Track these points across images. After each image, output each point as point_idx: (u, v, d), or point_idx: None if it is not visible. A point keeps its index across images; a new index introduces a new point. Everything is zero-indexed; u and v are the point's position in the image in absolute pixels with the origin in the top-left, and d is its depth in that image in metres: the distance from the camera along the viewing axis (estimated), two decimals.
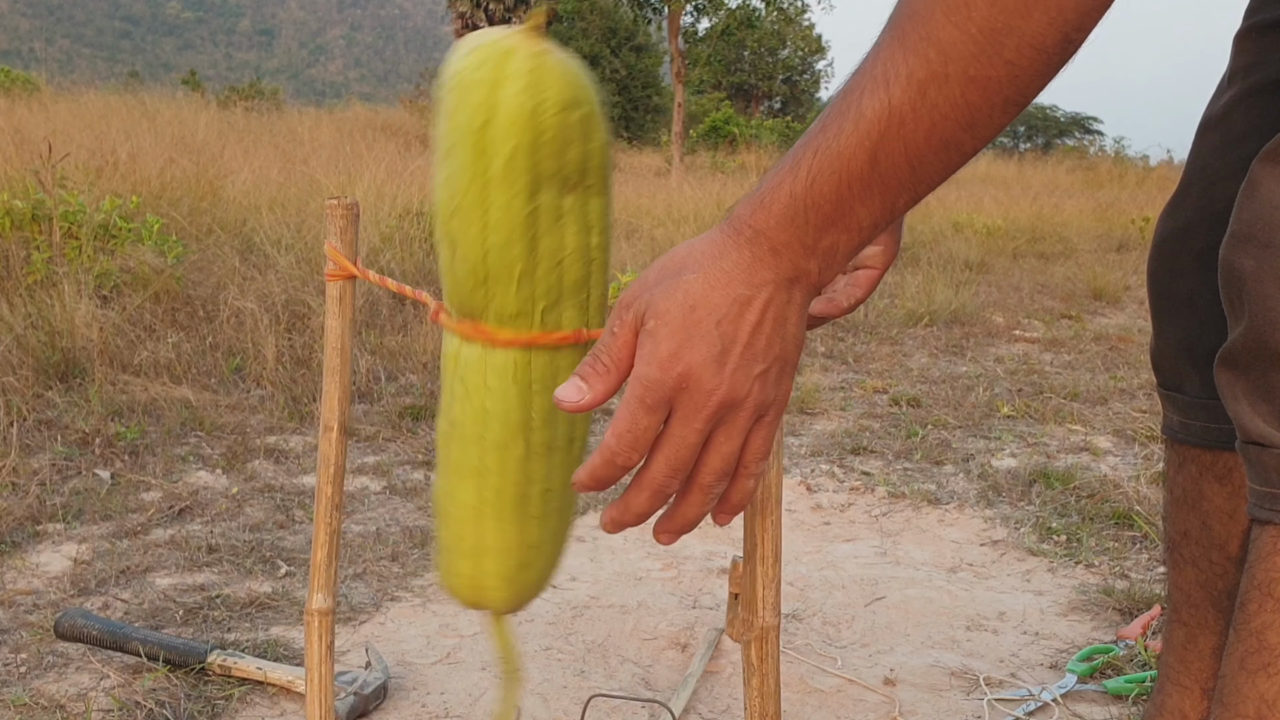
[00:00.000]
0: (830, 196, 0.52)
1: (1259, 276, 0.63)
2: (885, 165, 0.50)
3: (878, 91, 0.50)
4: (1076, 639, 1.79)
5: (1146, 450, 2.90)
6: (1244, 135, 0.89)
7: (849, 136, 0.50)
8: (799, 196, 0.52)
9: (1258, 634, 0.60)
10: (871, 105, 0.50)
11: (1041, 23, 0.47)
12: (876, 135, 0.50)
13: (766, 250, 0.53)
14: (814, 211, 0.52)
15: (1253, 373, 0.64)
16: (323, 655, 0.88)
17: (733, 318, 0.54)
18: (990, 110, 0.50)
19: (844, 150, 0.50)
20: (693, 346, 0.54)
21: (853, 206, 0.52)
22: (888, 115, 0.49)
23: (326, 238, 0.84)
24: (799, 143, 0.53)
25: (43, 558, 1.99)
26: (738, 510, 0.61)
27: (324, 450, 0.85)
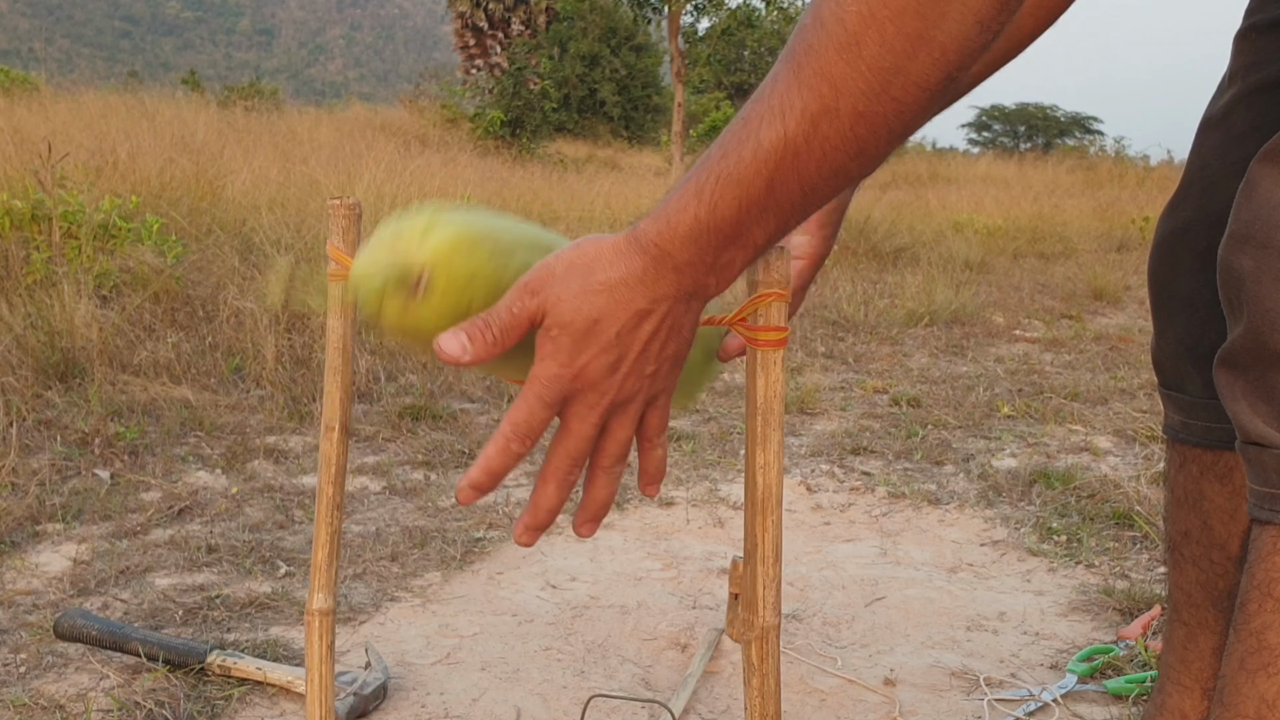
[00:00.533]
0: (730, 219, 0.55)
1: (1257, 277, 0.63)
2: (780, 191, 0.54)
3: (775, 123, 0.53)
4: (1077, 639, 1.79)
5: (1147, 450, 2.90)
6: (1244, 135, 0.89)
7: (748, 165, 0.54)
8: (702, 220, 0.56)
9: (1257, 634, 0.60)
10: (769, 136, 0.53)
11: (926, 64, 0.50)
12: (773, 164, 0.53)
13: (670, 268, 0.58)
14: (715, 233, 0.56)
15: (1252, 373, 0.64)
16: (323, 655, 0.88)
17: (630, 328, 0.59)
18: (876, 142, 0.53)
19: (743, 178, 0.54)
20: (592, 353, 0.59)
21: (750, 228, 0.56)
22: (783, 146, 0.53)
23: (329, 238, 0.84)
24: (702, 165, 0.56)
25: (42, 558, 1.99)
26: (659, 478, 0.67)
27: (325, 450, 0.85)
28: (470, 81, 21.37)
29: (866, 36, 0.50)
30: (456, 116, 16.26)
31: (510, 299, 0.60)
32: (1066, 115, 34.39)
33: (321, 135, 8.83)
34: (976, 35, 0.50)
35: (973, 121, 36.73)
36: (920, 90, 0.51)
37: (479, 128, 15.62)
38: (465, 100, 18.34)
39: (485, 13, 26.16)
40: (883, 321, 4.79)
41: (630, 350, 0.59)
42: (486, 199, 5.58)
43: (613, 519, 2.33)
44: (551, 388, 0.59)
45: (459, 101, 17.93)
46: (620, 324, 0.58)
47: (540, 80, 18.38)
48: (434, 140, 12.31)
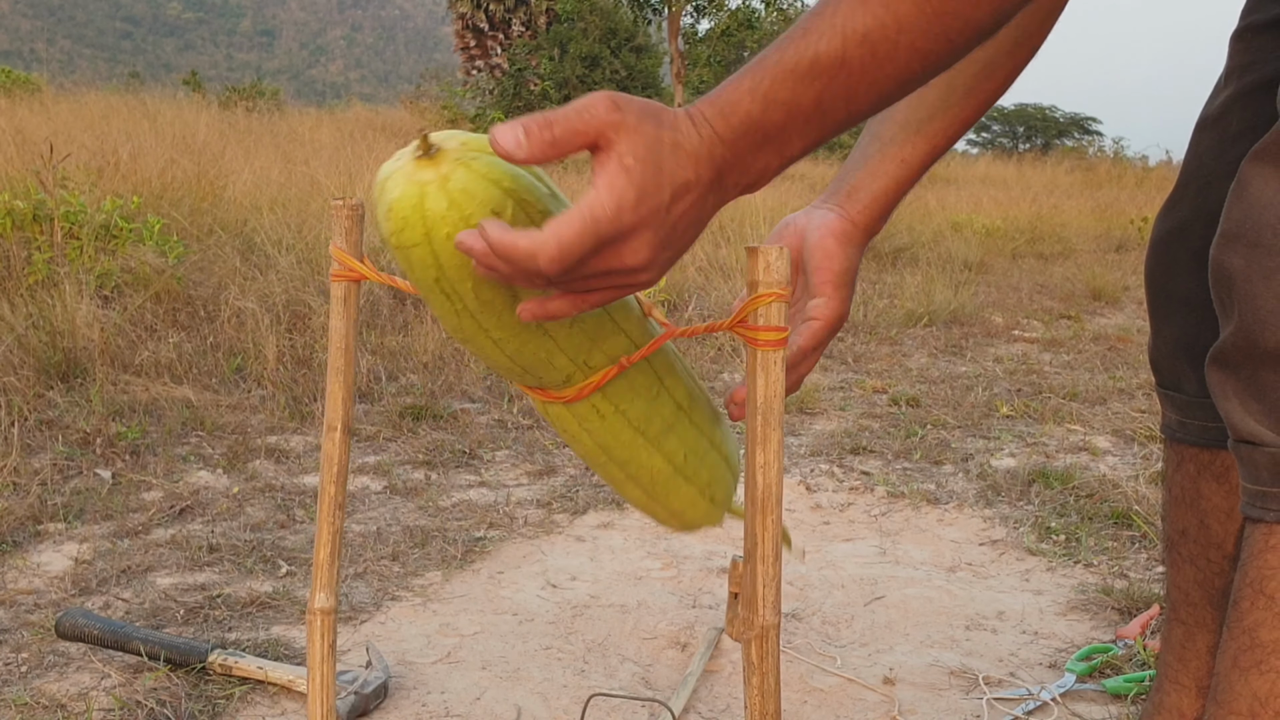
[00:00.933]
0: (778, 123, 0.57)
1: (1248, 276, 0.63)
2: (828, 105, 0.56)
3: (834, 40, 0.55)
4: (1075, 638, 1.79)
5: (1145, 450, 2.91)
6: (1240, 134, 0.89)
7: (803, 72, 0.56)
8: (754, 117, 0.57)
9: (1250, 631, 0.60)
10: (828, 50, 0.55)
11: (986, 9, 0.53)
12: (827, 77, 0.55)
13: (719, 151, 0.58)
14: (759, 131, 0.58)
15: (1243, 372, 0.64)
16: (324, 654, 0.89)
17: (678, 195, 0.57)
18: (924, 73, 0.56)
19: (797, 83, 0.56)
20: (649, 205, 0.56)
21: (790, 136, 0.58)
22: (840, 63, 0.55)
23: (331, 238, 0.84)
24: (758, 64, 0.57)
25: (44, 557, 1.99)
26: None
27: (327, 450, 0.86)
28: (471, 82, 21.38)
29: None
30: (457, 117, 16.26)
31: (584, 102, 0.56)
32: (1065, 116, 34.36)
33: (322, 136, 8.84)
34: None
35: None
36: (974, 31, 0.54)
37: (480, 129, 15.62)
38: (466, 101, 18.34)
39: (486, 14, 26.15)
40: (882, 321, 4.79)
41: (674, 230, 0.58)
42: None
43: (613, 518, 2.33)
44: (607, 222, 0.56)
45: (460, 102, 17.94)
46: (675, 186, 0.57)
47: (541, 81, 18.38)
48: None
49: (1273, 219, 0.62)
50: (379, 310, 3.83)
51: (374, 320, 3.77)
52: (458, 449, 2.74)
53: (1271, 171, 0.64)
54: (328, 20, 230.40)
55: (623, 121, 0.56)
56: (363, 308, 3.82)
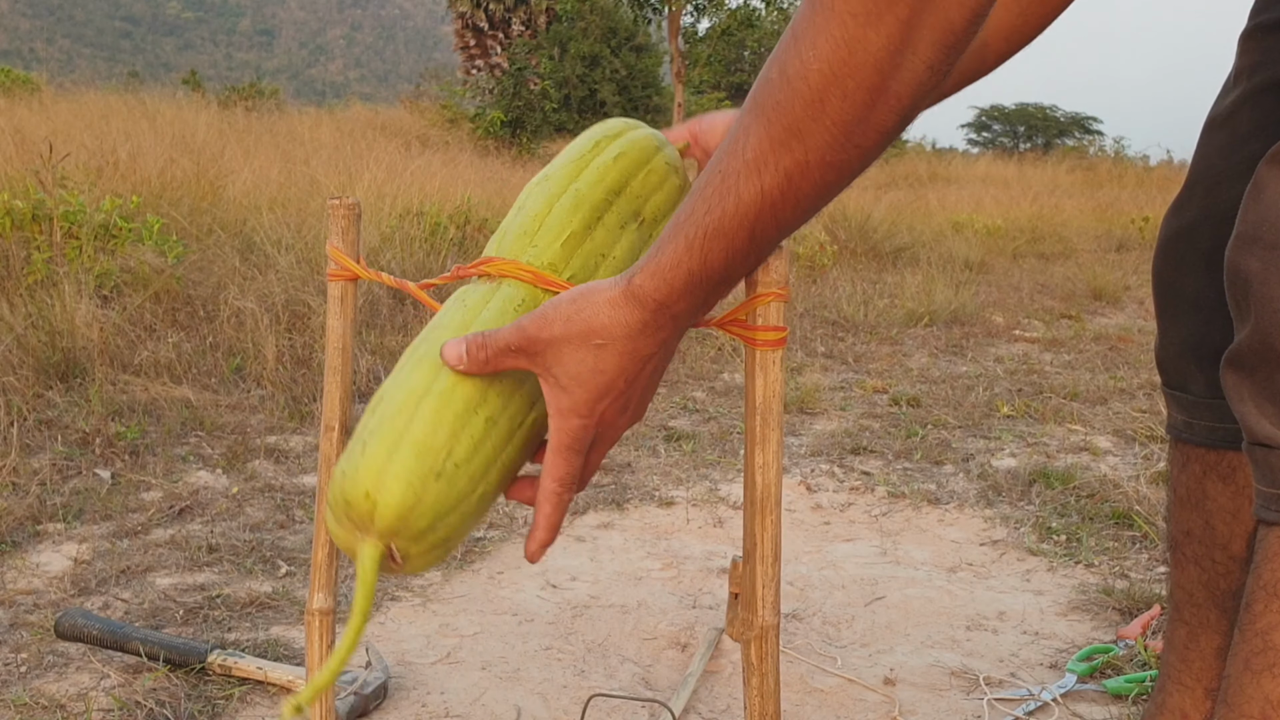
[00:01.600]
0: (719, 267, 0.61)
1: (1265, 278, 0.63)
2: (761, 237, 0.60)
3: (752, 178, 0.58)
4: (1076, 639, 1.79)
5: (1146, 450, 2.90)
6: (1249, 135, 0.88)
7: (731, 219, 0.59)
8: (695, 273, 0.61)
9: (1263, 634, 0.60)
10: (749, 191, 0.58)
11: (884, 112, 0.55)
12: (754, 216, 0.58)
13: (669, 317, 0.63)
14: (707, 282, 0.61)
15: (1259, 374, 0.64)
16: (323, 655, 0.88)
17: (635, 374, 0.64)
18: (841, 183, 0.59)
19: (726, 230, 0.59)
20: (608, 402, 0.64)
21: (735, 270, 0.62)
22: (761, 200, 0.58)
23: (328, 238, 0.84)
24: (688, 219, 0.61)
25: (43, 557, 1.99)
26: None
27: (325, 450, 0.85)
28: (471, 82, 21.37)
29: (830, 94, 0.54)
30: (457, 117, 16.26)
31: (508, 332, 0.64)
32: (1066, 115, 34.37)
33: (322, 135, 8.83)
34: (928, 79, 0.54)
35: (972, 122, 36.72)
36: (880, 134, 0.56)
37: (479, 128, 15.61)
38: (466, 100, 18.33)
39: (486, 13, 26.15)
40: (882, 321, 4.79)
41: (635, 391, 0.65)
42: (486, 199, 5.58)
43: (613, 518, 2.33)
44: (581, 438, 0.65)
45: (459, 102, 17.93)
46: (630, 374, 0.64)
47: (540, 80, 18.38)
48: (434, 140, 12.31)
49: None
50: (378, 310, 3.83)
51: (373, 320, 3.77)
52: None
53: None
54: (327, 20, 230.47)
55: (544, 355, 0.63)
56: (361, 307, 3.82)
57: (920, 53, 0.53)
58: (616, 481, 2.56)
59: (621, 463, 2.69)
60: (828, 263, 6.08)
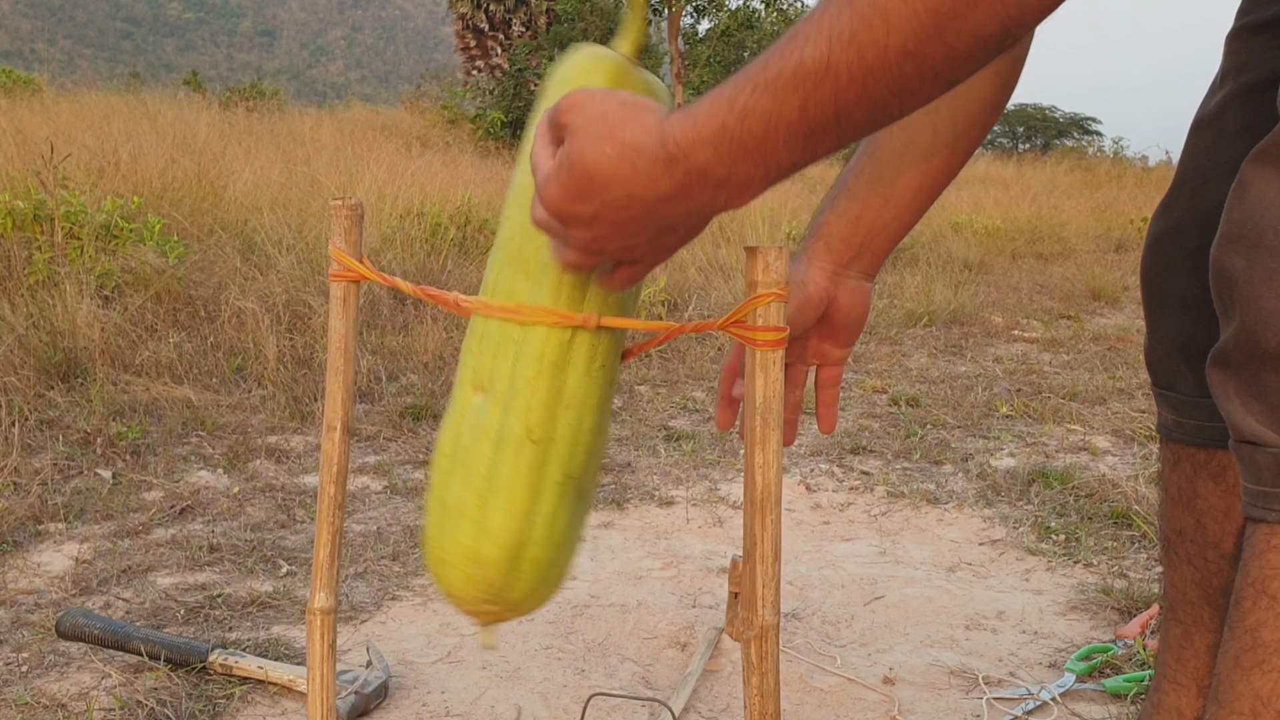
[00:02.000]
0: (757, 132, 0.54)
1: (1249, 277, 0.63)
2: (814, 113, 0.52)
3: (820, 44, 0.51)
4: (1075, 638, 1.79)
5: (1145, 450, 2.91)
6: (1236, 135, 0.89)
7: (787, 80, 0.52)
8: (730, 128, 0.54)
9: (1252, 631, 0.60)
10: (812, 55, 0.51)
11: (985, 13, 0.49)
12: (811, 85, 0.52)
13: (681, 171, 0.56)
14: (738, 144, 0.54)
15: (1244, 372, 0.64)
16: (324, 654, 0.89)
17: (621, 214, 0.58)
18: (922, 83, 0.52)
19: (779, 91, 0.52)
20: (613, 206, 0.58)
21: (775, 147, 0.54)
22: (825, 68, 0.51)
23: (330, 238, 0.84)
24: (741, 74, 0.55)
25: (44, 557, 1.99)
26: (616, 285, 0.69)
27: (327, 450, 0.86)
28: (471, 83, 21.36)
29: None
30: (457, 117, 16.25)
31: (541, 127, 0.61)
32: (1065, 116, 34.34)
33: (323, 136, 8.84)
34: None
35: None
36: (974, 39, 0.50)
37: (480, 129, 15.61)
38: (466, 101, 18.32)
39: (486, 14, 26.14)
40: (882, 321, 4.79)
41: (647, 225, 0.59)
42: (487, 200, 5.58)
43: (613, 518, 2.33)
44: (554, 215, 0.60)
45: (460, 102, 17.92)
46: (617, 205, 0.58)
47: (541, 81, 18.38)
48: (435, 141, 12.31)
49: (1274, 220, 0.63)
50: (379, 310, 3.83)
51: (374, 320, 3.78)
52: None
53: (1272, 173, 0.64)
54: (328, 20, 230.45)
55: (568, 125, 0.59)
56: (363, 308, 3.83)
57: None
58: (616, 481, 2.57)
59: (621, 463, 2.70)
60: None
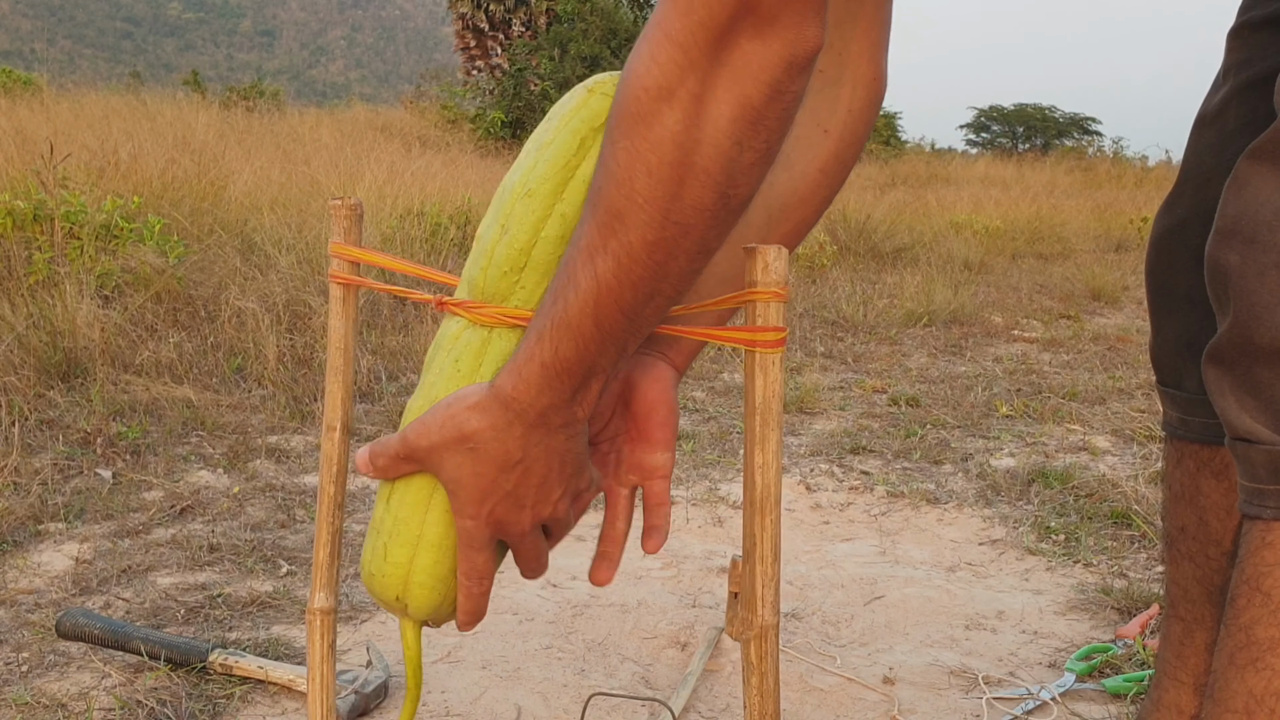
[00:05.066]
0: (573, 358, 0.60)
1: (1243, 272, 0.63)
2: (607, 324, 0.58)
3: (587, 267, 0.57)
4: (1075, 638, 1.79)
5: (1145, 450, 2.91)
6: (1237, 131, 0.89)
7: (574, 307, 0.58)
8: (549, 365, 0.60)
9: (1246, 629, 0.60)
10: (585, 279, 0.58)
11: (696, 188, 0.53)
12: (593, 304, 0.58)
13: (534, 415, 0.62)
14: (564, 374, 0.60)
15: (1238, 368, 0.64)
16: (324, 654, 0.89)
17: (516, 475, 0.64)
18: (676, 263, 0.56)
19: (571, 321, 0.59)
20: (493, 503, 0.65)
21: (593, 360, 0.60)
22: (598, 287, 0.57)
23: (331, 238, 0.84)
24: (541, 311, 0.61)
25: (44, 557, 2.00)
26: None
27: (326, 450, 0.86)
28: (471, 83, 21.36)
29: (635, 171, 0.53)
30: (457, 117, 16.26)
31: (399, 447, 0.66)
32: (1065, 116, 34.33)
33: (323, 136, 8.84)
34: (739, 155, 0.53)
35: (971, 122, 36.70)
36: (700, 212, 0.54)
37: (480, 129, 15.61)
38: (466, 101, 18.32)
39: (486, 14, 26.15)
40: (882, 321, 4.79)
41: (528, 489, 0.65)
42: (487, 200, 5.58)
43: None
44: (475, 537, 0.66)
45: (460, 102, 17.92)
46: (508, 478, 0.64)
47: (541, 81, 18.38)
48: (435, 141, 12.32)
49: (1269, 216, 0.63)
50: (379, 310, 3.83)
51: (374, 320, 3.78)
52: None
53: (1268, 169, 0.64)
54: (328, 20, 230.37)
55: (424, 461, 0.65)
56: (363, 308, 3.83)
57: (722, 128, 0.52)
58: None
59: None
60: (827, 263, 6.09)
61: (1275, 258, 0.62)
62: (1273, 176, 0.64)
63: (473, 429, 0.63)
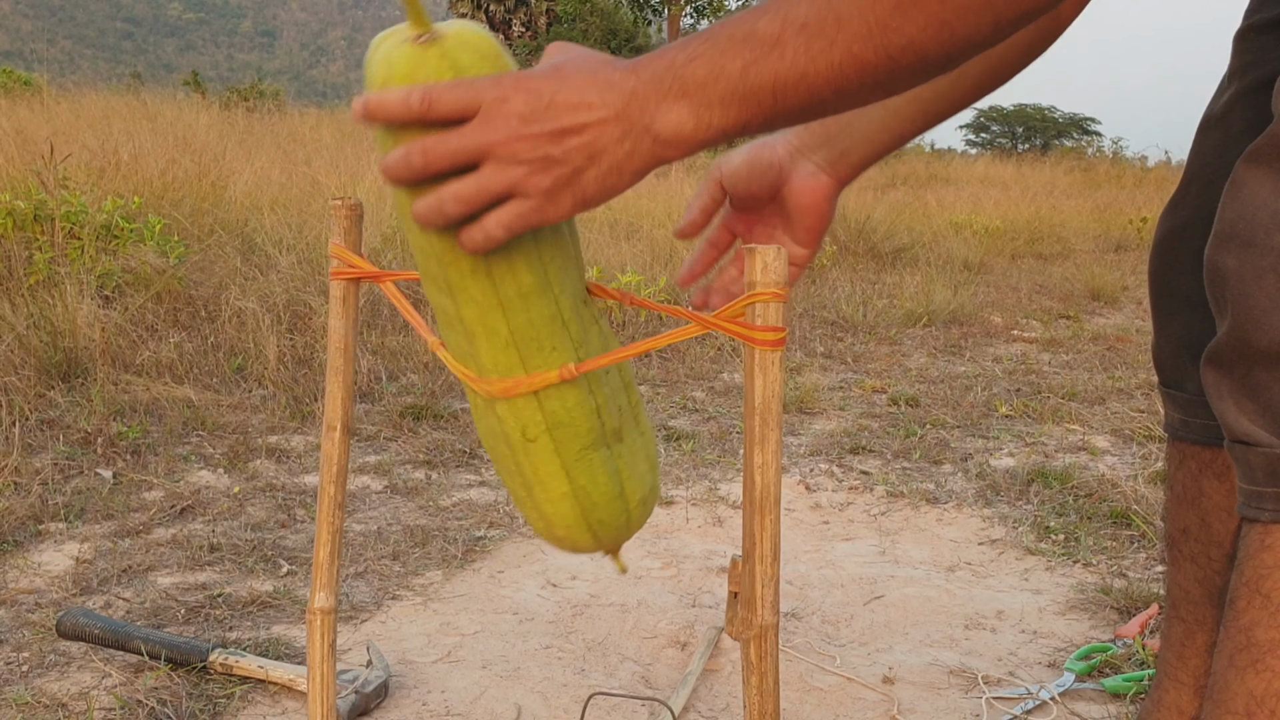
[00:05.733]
0: (699, 78, 0.55)
1: (1241, 275, 0.63)
2: (753, 79, 0.54)
3: (775, 21, 0.54)
4: (1074, 638, 1.80)
5: (1144, 450, 2.91)
6: (1241, 134, 0.89)
7: (736, 41, 0.54)
8: (676, 67, 0.56)
9: (1246, 630, 0.61)
10: (765, 28, 0.54)
11: (929, 33, 0.51)
12: (757, 52, 0.54)
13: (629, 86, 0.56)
14: (678, 84, 0.55)
15: (1237, 371, 0.64)
16: (324, 654, 0.89)
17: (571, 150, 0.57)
18: (860, 87, 0.54)
19: (727, 48, 0.54)
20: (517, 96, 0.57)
21: (710, 98, 0.55)
22: (773, 43, 0.53)
23: (331, 238, 0.84)
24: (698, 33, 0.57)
25: (45, 557, 2.00)
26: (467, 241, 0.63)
27: (326, 450, 0.86)
28: None
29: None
30: None
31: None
32: (1064, 116, 34.36)
33: (323, 136, 8.83)
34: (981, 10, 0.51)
35: (971, 123, 36.73)
36: (917, 55, 0.52)
37: None
38: None
39: (486, 15, 26.15)
40: (881, 321, 4.79)
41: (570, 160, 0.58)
42: None
43: None
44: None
45: None
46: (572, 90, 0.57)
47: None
48: None
49: (1266, 219, 0.63)
50: (379, 310, 3.83)
51: (374, 320, 3.78)
52: (458, 448, 2.74)
53: (1266, 172, 0.64)
54: (328, 21, 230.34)
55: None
56: (363, 307, 3.83)
57: None
58: None
59: None
60: (827, 263, 6.09)
61: (1273, 261, 0.62)
62: (1270, 179, 0.64)
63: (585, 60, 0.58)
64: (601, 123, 0.57)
